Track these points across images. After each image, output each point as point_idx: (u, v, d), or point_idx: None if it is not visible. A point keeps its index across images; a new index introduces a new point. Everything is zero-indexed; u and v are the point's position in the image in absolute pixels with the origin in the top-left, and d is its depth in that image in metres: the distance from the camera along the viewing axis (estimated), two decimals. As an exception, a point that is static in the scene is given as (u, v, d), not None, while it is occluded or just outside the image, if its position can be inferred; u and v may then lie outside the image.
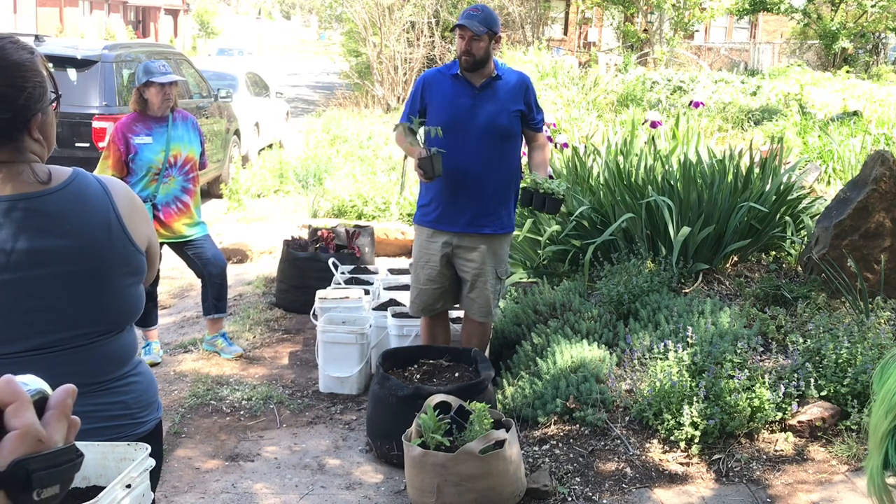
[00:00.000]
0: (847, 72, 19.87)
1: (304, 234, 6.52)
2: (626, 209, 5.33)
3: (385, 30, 17.82)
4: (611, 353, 4.26)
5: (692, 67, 22.80)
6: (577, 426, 3.84)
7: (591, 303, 4.80)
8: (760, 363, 4.07)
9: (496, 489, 3.21)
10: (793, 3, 25.93)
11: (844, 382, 3.77)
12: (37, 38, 7.81)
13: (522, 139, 4.16)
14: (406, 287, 4.79)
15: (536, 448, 3.74)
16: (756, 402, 3.67)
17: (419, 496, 3.28)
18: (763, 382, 3.76)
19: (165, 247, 4.54)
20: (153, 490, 1.85)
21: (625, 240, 5.34)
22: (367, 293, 5.21)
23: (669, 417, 3.68)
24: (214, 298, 4.95)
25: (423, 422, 3.30)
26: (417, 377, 3.95)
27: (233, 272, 6.27)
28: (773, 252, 5.57)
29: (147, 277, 1.88)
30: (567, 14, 29.29)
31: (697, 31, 29.62)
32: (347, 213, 8.10)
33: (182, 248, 4.87)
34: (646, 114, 10.61)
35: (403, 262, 6.47)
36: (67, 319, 1.72)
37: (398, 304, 4.87)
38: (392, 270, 5.82)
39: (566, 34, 29.32)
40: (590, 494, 3.41)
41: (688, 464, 3.57)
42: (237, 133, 10.89)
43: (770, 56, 28.55)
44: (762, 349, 4.19)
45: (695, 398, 3.66)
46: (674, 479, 3.48)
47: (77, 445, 0.82)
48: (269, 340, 5.39)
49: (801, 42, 27.48)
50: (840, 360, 3.85)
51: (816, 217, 5.41)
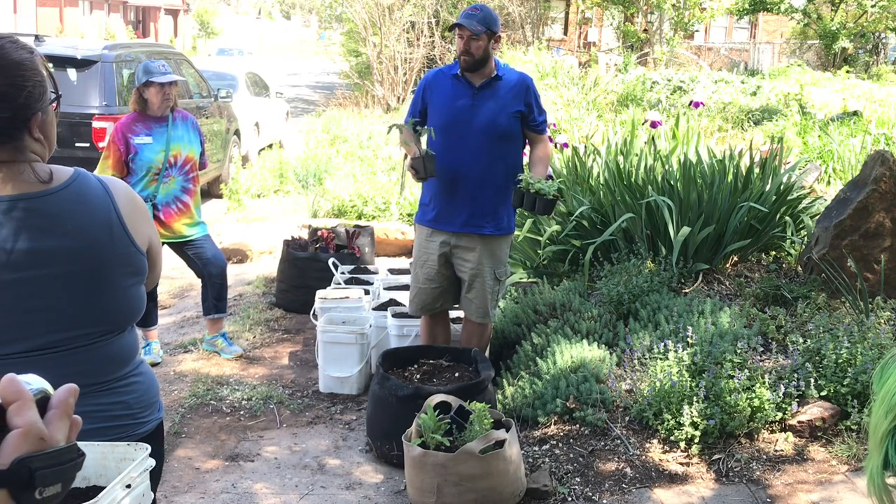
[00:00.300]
0: (847, 72, 19.86)
1: (304, 234, 6.52)
2: (626, 209, 5.33)
3: (385, 30, 17.82)
4: (611, 353, 4.26)
5: (692, 67, 22.80)
6: (577, 426, 3.84)
7: (591, 303, 4.80)
8: (760, 363, 4.07)
9: (496, 489, 3.21)
10: (793, 3, 25.93)
11: (844, 382, 3.77)
12: (37, 38, 7.81)
13: (524, 140, 4.10)
14: (406, 287, 4.79)
15: (536, 448, 3.74)
16: (756, 402, 3.67)
17: (419, 496, 3.28)
18: (763, 382, 3.76)
19: (165, 247, 4.54)
20: (154, 490, 1.86)
21: (625, 240, 5.34)
22: (367, 293, 5.21)
23: (669, 417, 3.68)
24: (214, 298, 4.95)
25: (423, 422, 3.30)
26: (417, 377, 3.94)
27: (233, 272, 6.27)
28: (773, 252, 5.57)
29: (150, 278, 1.88)
30: (567, 14, 29.28)
31: (697, 31, 29.63)
32: (347, 213, 8.10)
33: (182, 248, 4.87)
34: (646, 114, 10.62)
35: (403, 262, 6.47)
36: (68, 320, 1.71)
37: (398, 304, 4.87)
38: (392, 270, 5.82)
39: (566, 34, 29.31)
40: (590, 494, 3.41)
41: (688, 464, 3.57)
42: (237, 133, 10.89)
43: (770, 56, 28.55)
44: (762, 349, 4.19)
45: (695, 398, 3.66)
46: (674, 479, 3.48)
47: (78, 445, 0.82)
48: (269, 340, 5.39)
49: (801, 42, 27.48)
50: (840, 360, 3.85)
51: (816, 217, 5.41)
